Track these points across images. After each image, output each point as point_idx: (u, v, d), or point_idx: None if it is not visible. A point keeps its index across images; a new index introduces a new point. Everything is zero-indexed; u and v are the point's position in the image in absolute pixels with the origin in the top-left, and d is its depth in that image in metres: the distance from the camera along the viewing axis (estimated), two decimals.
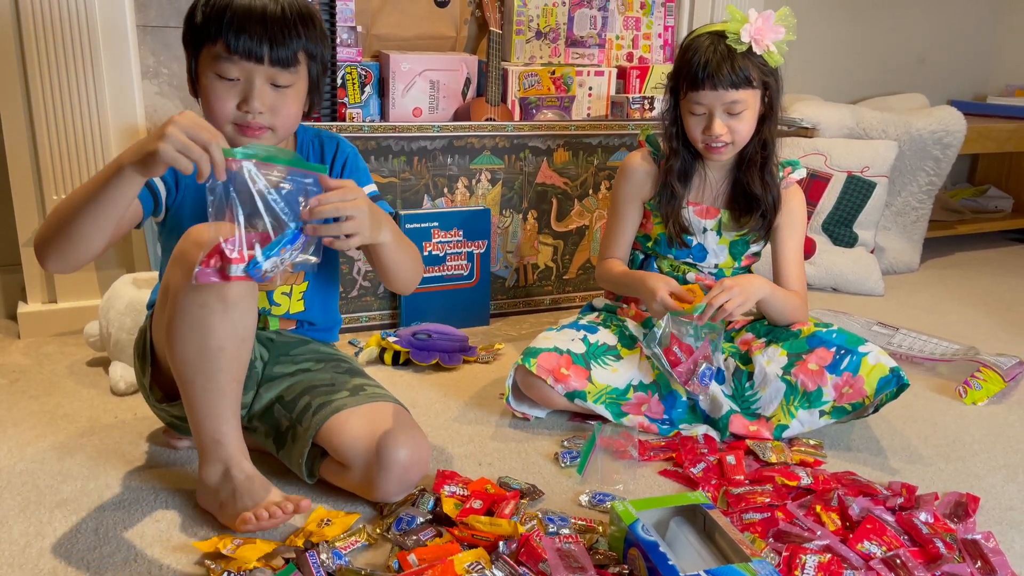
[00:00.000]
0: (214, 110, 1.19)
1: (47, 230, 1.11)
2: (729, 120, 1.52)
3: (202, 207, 1.13)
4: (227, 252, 1.01)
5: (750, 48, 1.49)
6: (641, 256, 1.72)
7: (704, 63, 1.48)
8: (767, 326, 1.62)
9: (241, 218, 1.02)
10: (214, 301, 1.10)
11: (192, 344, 1.13)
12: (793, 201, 1.64)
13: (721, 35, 1.50)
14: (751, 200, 1.61)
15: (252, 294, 1.14)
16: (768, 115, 1.56)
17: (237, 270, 1.02)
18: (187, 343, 1.13)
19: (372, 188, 1.37)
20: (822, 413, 1.49)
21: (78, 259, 1.11)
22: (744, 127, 1.53)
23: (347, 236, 1.10)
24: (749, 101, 1.51)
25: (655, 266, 1.69)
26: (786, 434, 1.50)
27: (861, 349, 1.49)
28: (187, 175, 1.00)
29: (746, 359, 1.58)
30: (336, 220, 1.09)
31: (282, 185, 1.04)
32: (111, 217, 1.07)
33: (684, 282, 1.62)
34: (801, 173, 1.65)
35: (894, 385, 1.46)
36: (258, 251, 1.03)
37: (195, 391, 1.16)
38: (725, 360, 1.59)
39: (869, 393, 1.47)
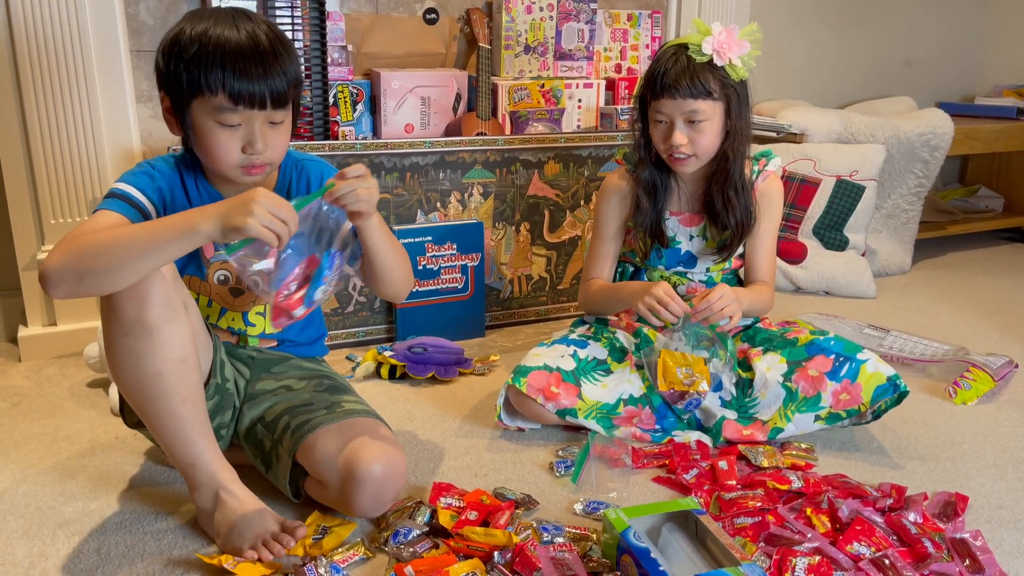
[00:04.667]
0: (220, 159, 1.21)
1: (73, 261, 1.06)
2: (690, 131, 1.53)
3: None
4: (287, 302, 1.15)
5: (711, 60, 1.51)
6: (631, 268, 1.73)
7: (663, 72, 1.52)
8: (762, 335, 1.64)
9: (292, 269, 1.15)
10: (136, 328, 1.10)
11: (129, 373, 1.13)
12: (770, 192, 1.65)
13: (684, 47, 1.53)
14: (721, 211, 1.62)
15: (174, 315, 1.13)
16: (732, 130, 1.56)
17: (300, 311, 1.15)
18: (124, 372, 1.13)
19: None
20: (817, 418, 1.50)
21: (97, 291, 1.09)
22: (706, 139, 1.54)
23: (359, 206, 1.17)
24: (709, 112, 1.52)
25: (645, 278, 1.70)
26: (780, 436, 1.52)
27: (859, 356, 1.51)
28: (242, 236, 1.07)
29: (746, 366, 1.59)
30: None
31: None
32: (160, 265, 1.10)
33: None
34: (776, 163, 1.66)
35: (891, 393, 1.48)
36: (307, 289, 1.17)
37: (149, 418, 1.17)
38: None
39: (865, 400, 1.48)
